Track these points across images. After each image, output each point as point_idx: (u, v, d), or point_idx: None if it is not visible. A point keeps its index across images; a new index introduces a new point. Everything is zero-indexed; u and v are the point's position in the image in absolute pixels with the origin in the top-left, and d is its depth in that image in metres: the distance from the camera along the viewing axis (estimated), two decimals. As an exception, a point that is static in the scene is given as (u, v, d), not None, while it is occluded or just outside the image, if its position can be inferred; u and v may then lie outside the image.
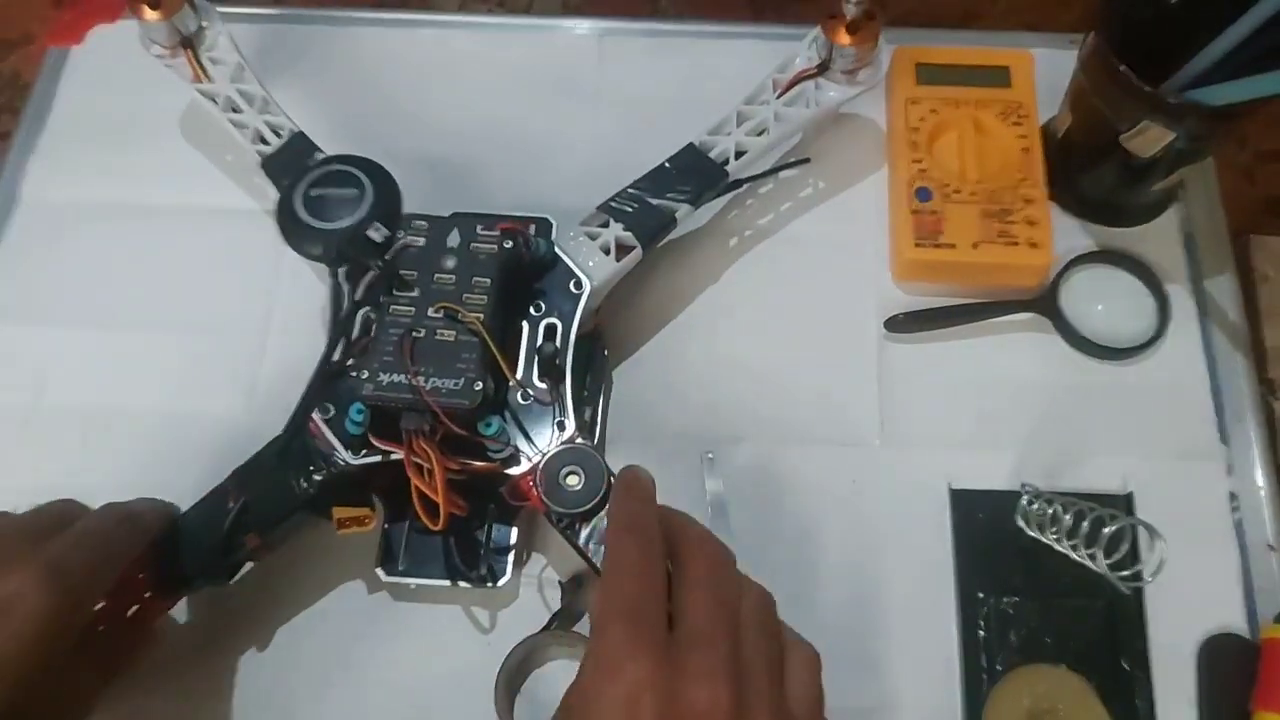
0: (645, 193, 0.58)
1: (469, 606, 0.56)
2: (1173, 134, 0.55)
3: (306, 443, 0.51)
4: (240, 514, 0.51)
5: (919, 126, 0.63)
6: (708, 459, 0.58)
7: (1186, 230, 0.65)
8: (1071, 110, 0.61)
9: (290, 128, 0.60)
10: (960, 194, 0.61)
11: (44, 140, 0.69)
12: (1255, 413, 0.60)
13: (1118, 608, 0.54)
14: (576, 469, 0.50)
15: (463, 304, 0.51)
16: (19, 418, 0.61)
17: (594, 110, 0.69)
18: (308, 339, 0.56)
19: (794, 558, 0.56)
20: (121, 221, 0.66)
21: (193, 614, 0.55)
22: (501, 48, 0.72)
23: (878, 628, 0.55)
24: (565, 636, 0.53)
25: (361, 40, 0.73)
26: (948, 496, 0.57)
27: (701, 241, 0.65)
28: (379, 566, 0.54)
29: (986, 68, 0.65)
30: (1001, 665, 0.53)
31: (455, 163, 0.67)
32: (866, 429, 0.59)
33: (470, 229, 0.53)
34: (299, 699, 0.54)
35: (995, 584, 0.55)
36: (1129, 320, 0.61)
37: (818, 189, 0.66)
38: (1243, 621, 0.54)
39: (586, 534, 0.50)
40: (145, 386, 0.62)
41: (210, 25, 0.63)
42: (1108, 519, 0.52)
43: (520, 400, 0.52)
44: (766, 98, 0.61)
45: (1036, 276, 0.61)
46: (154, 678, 0.54)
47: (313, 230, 0.53)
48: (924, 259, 0.60)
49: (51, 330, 0.63)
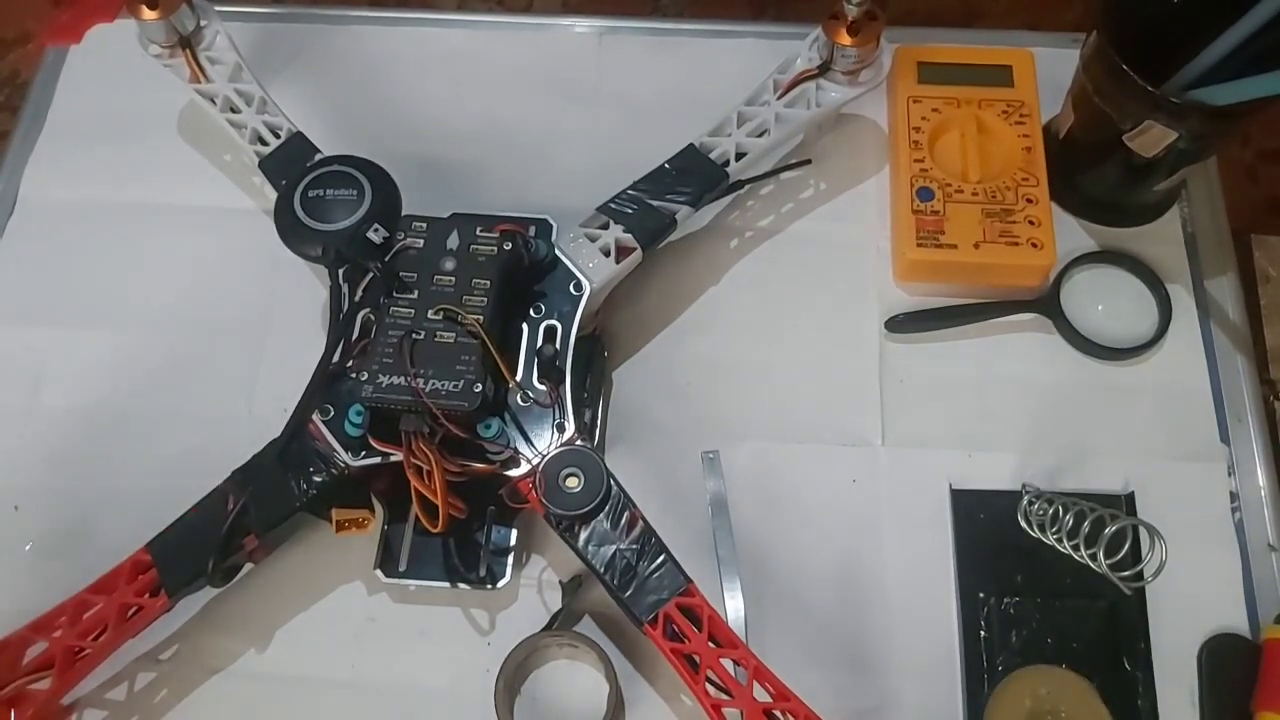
0: (645, 194, 0.58)
1: (469, 608, 0.56)
2: (1175, 133, 0.55)
3: (306, 444, 0.51)
4: (239, 515, 0.50)
5: (920, 126, 0.63)
6: (708, 459, 0.58)
7: (1188, 230, 0.65)
8: (1073, 110, 0.61)
9: (289, 128, 0.60)
10: (962, 194, 0.61)
11: (42, 139, 0.69)
12: (1256, 413, 0.60)
13: (1119, 608, 0.54)
14: (576, 471, 0.50)
15: (462, 306, 0.51)
16: (19, 418, 0.61)
17: (594, 110, 0.69)
18: (308, 339, 0.56)
19: (794, 558, 0.56)
20: (120, 221, 0.66)
21: (193, 614, 0.55)
22: (501, 47, 0.72)
23: (878, 628, 0.55)
24: (565, 637, 0.53)
25: (360, 39, 0.73)
26: (948, 496, 0.57)
27: (702, 242, 0.64)
28: (379, 568, 0.54)
29: (988, 67, 0.65)
30: (1003, 666, 0.53)
31: (455, 163, 0.67)
32: (867, 429, 0.59)
33: (470, 230, 0.53)
34: (299, 700, 0.54)
35: (996, 584, 0.55)
36: (1130, 320, 0.61)
37: (819, 189, 0.66)
38: (1244, 622, 0.54)
39: (586, 536, 0.50)
40: (145, 386, 0.61)
41: (208, 24, 0.63)
42: (1109, 519, 0.52)
43: (520, 402, 0.52)
44: (767, 98, 0.61)
45: (1038, 276, 0.61)
46: (155, 678, 0.54)
47: (311, 231, 0.53)
48: (925, 259, 0.60)
49: (50, 330, 0.63)
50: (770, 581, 0.56)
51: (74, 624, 0.50)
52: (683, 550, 0.50)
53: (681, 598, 0.49)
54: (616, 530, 0.50)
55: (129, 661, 0.54)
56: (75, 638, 0.49)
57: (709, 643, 0.48)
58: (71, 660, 0.49)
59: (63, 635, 0.49)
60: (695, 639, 0.48)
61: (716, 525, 0.56)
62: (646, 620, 0.48)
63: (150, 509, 0.51)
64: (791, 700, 0.47)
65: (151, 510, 0.51)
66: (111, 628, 0.50)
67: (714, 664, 0.48)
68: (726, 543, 0.56)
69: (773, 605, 0.55)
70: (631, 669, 0.54)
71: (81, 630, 0.50)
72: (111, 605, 0.50)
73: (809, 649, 0.54)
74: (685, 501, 0.57)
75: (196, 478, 0.52)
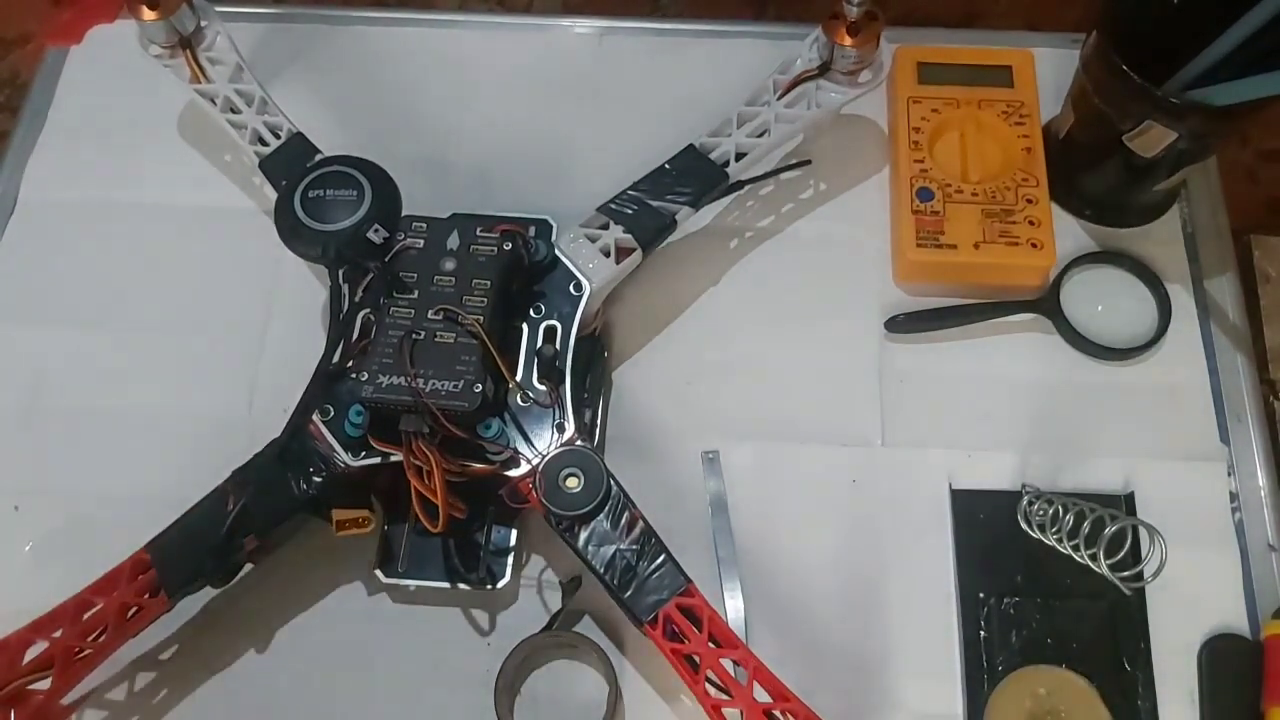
0: (645, 195, 0.58)
1: (468, 608, 0.56)
2: (1175, 134, 0.55)
3: (306, 444, 0.51)
4: (239, 515, 0.50)
5: (920, 126, 0.63)
6: (708, 459, 0.58)
7: (1188, 230, 0.65)
8: (1073, 110, 0.61)
9: (289, 128, 0.60)
10: (962, 194, 0.61)
11: (42, 140, 0.69)
12: (1256, 413, 0.60)
13: (1119, 608, 0.54)
14: (576, 471, 0.50)
15: (462, 306, 0.51)
16: (19, 418, 0.61)
17: (594, 110, 0.69)
18: (308, 339, 0.56)
19: (794, 558, 0.56)
20: (120, 221, 0.66)
21: (192, 615, 0.55)
22: (501, 47, 0.72)
23: (878, 628, 0.55)
24: (565, 637, 0.53)
25: (361, 40, 0.73)
26: (948, 496, 0.57)
27: (702, 243, 0.64)
28: (378, 568, 0.54)
29: (988, 67, 0.65)
30: (1003, 666, 0.53)
31: (455, 163, 0.67)
32: (867, 429, 0.59)
33: (470, 231, 0.53)
34: (299, 700, 0.54)
35: (996, 584, 0.55)
36: (1130, 320, 0.61)
37: (819, 190, 0.66)
38: (1244, 621, 0.54)
39: (586, 536, 0.50)
40: (145, 386, 0.61)
41: (209, 25, 0.63)
42: (1109, 519, 0.52)
43: (520, 402, 0.52)
44: (767, 99, 0.60)
45: (1038, 277, 0.61)
46: (155, 678, 0.54)
47: (311, 231, 0.53)
48: (925, 259, 0.60)
49: (50, 330, 0.63)
50: (770, 581, 0.56)
51: (74, 624, 0.50)
52: (683, 550, 0.50)
53: (681, 598, 0.49)
54: (616, 530, 0.50)
55: (129, 661, 0.54)
56: (75, 638, 0.49)
57: (709, 643, 0.48)
58: (71, 660, 0.49)
59: (63, 635, 0.49)
60: (695, 639, 0.48)
61: (716, 525, 0.56)
62: (646, 620, 0.48)
63: (150, 509, 0.51)
64: (791, 700, 0.47)
65: (151, 510, 0.51)
66: (111, 628, 0.50)
67: (714, 664, 0.48)
68: (726, 543, 0.56)
69: (773, 605, 0.55)
70: (631, 669, 0.54)
71: (81, 630, 0.50)
72: (111, 605, 0.50)
73: (809, 649, 0.54)
74: (685, 501, 0.57)
75: (196, 478, 0.52)
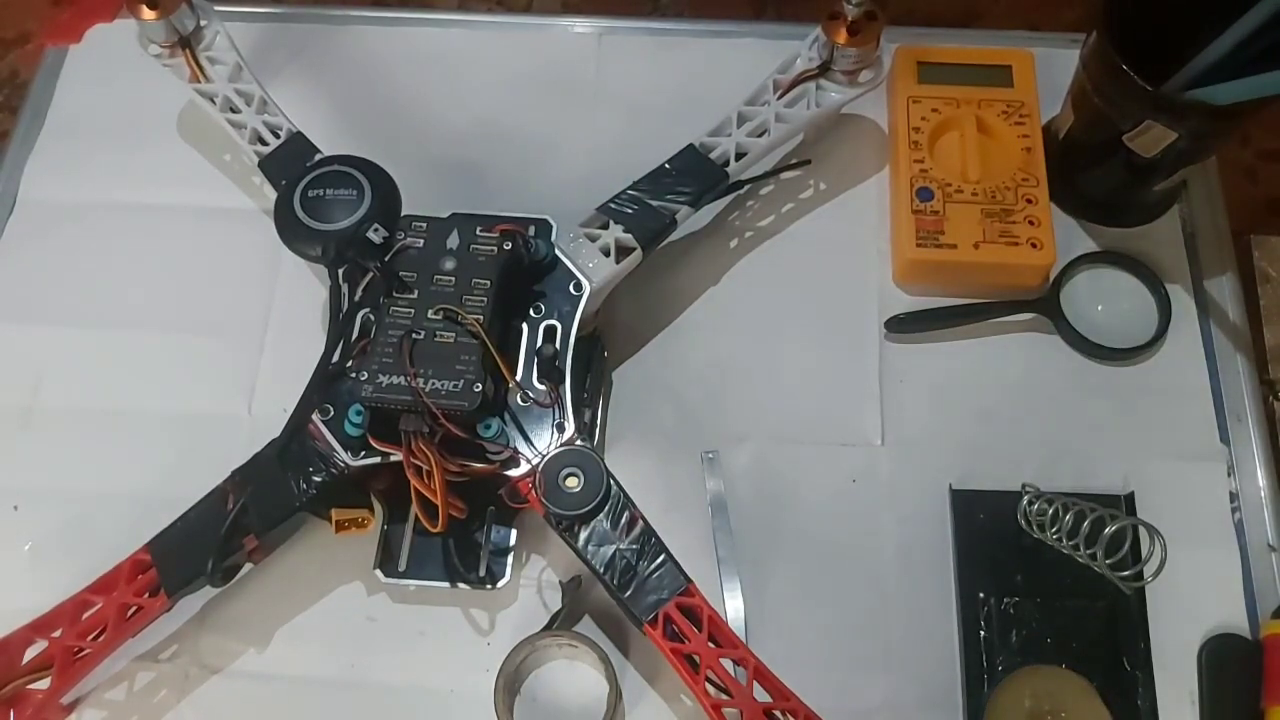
0: (645, 194, 0.58)
1: (468, 608, 0.56)
2: (1175, 133, 0.55)
3: (305, 444, 0.51)
4: (239, 515, 0.50)
5: (920, 126, 0.63)
6: (708, 459, 0.58)
7: (1188, 230, 0.65)
8: (1073, 110, 0.61)
9: (288, 128, 0.60)
10: (962, 194, 0.61)
11: (42, 139, 0.69)
12: (1256, 413, 0.60)
13: (1119, 608, 0.54)
14: (576, 471, 0.50)
15: (462, 306, 0.51)
16: (19, 418, 0.61)
17: (594, 110, 0.69)
18: (307, 339, 0.56)
19: (794, 558, 0.56)
20: (120, 221, 0.66)
21: (192, 615, 0.55)
22: (501, 47, 0.72)
23: (878, 628, 0.55)
24: (565, 637, 0.53)
25: (360, 39, 0.73)
26: (948, 496, 0.57)
27: (702, 242, 0.64)
28: (378, 568, 0.54)
29: (988, 67, 0.65)
30: (1003, 666, 0.53)
31: (455, 163, 0.67)
32: (867, 429, 0.59)
33: (470, 230, 0.53)
34: (299, 700, 0.54)
35: (996, 584, 0.55)
36: (1130, 320, 0.61)
37: (818, 189, 0.66)
38: (1244, 621, 0.54)
39: (586, 536, 0.50)
40: (145, 386, 0.61)
41: (208, 24, 0.63)
42: (1108, 519, 0.52)
43: (520, 402, 0.52)
44: (767, 99, 0.60)
45: (1038, 277, 0.61)
46: (155, 678, 0.54)
47: (311, 231, 0.53)
48: (925, 259, 0.60)
49: (50, 330, 0.63)
50: (770, 581, 0.56)
51: (74, 624, 0.50)
52: (683, 550, 0.50)
53: (681, 598, 0.49)
54: (616, 530, 0.50)
55: (129, 661, 0.54)
56: (75, 638, 0.49)
57: (709, 643, 0.48)
58: (71, 660, 0.49)
59: (63, 635, 0.49)
60: (695, 639, 0.48)
61: (716, 525, 0.56)
62: (646, 620, 0.48)
63: (150, 509, 0.51)
64: (791, 700, 0.47)
65: (151, 510, 0.51)
66: (111, 628, 0.50)
67: (714, 664, 0.48)
68: (726, 543, 0.56)
69: (773, 605, 0.55)
70: (631, 669, 0.54)
71: (81, 630, 0.50)
72: (111, 605, 0.50)
73: (809, 649, 0.54)
74: (685, 501, 0.57)
75: (196, 478, 0.52)
